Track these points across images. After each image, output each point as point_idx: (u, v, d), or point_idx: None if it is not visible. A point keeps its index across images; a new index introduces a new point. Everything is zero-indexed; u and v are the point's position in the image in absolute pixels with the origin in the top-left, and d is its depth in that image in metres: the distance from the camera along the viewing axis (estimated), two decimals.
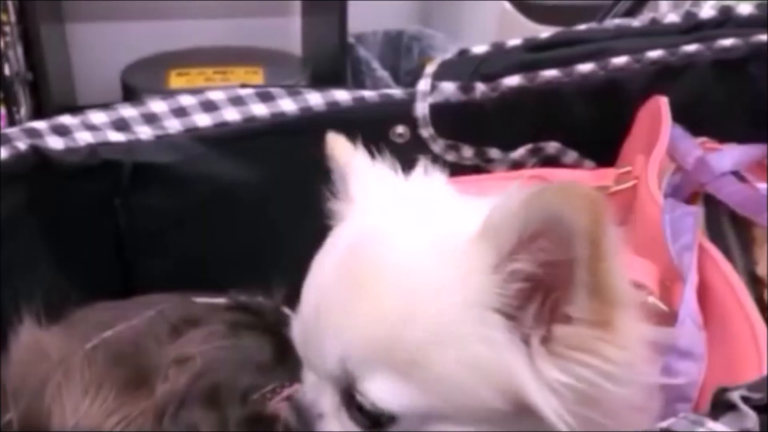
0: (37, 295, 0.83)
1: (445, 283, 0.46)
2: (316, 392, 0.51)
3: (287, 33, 2.33)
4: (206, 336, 0.70)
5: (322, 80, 2.03)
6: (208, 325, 0.71)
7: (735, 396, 0.39)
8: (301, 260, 0.57)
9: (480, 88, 0.88)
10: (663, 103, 0.79)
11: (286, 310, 0.73)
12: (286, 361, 0.64)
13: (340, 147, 0.60)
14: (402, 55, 2.26)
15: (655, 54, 0.90)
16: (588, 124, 0.91)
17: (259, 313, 0.75)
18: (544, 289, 0.46)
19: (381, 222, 0.52)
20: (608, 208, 0.43)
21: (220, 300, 0.78)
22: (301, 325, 0.52)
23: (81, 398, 0.64)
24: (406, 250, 0.49)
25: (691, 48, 0.91)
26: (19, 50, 1.74)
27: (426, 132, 0.89)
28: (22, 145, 0.78)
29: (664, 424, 0.40)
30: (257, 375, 0.65)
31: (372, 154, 0.59)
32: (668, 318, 0.56)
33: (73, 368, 0.64)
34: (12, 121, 1.69)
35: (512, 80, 0.88)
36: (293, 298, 0.70)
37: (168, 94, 0.86)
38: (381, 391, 0.46)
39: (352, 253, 0.50)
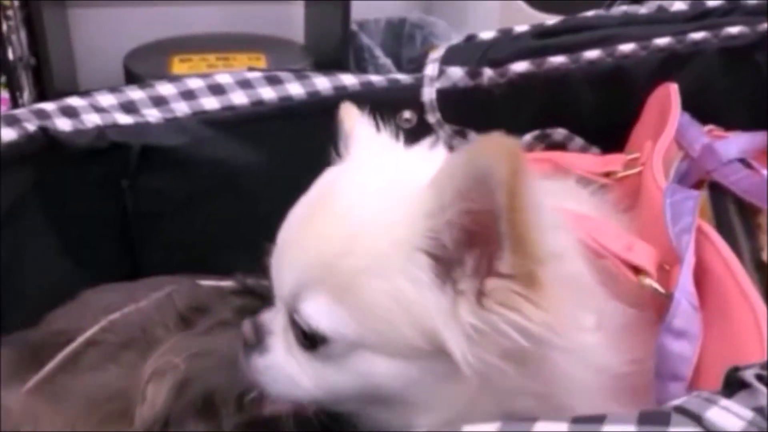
0: (44, 277, 0.84)
1: (385, 221, 0.51)
2: (273, 313, 0.57)
3: (290, 20, 2.33)
4: (212, 325, 0.70)
5: (324, 67, 2.02)
6: (216, 313, 0.71)
7: (749, 374, 0.40)
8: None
9: (488, 73, 0.88)
10: (673, 89, 0.79)
11: None
12: None
13: (349, 114, 0.64)
14: (404, 43, 2.25)
15: (662, 41, 0.90)
16: (595, 110, 0.92)
17: (265, 298, 0.75)
18: (480, 242, 0.48)
19: (350, 167, 0.58)
20: (527, 161, 0.44)
21: (227, 283, 0.78)
22: (272, 256, 0.57)
23: None
24: (359, 189, 0.54)
25: (698, 36, 0.91)
26: (23, 35, 1.73)
27: (433, 117, 0.89)
28: (30, 126, 0.78)
29: (676, 402, 0.40)
30: None
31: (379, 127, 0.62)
32: (666, 301, 0.56)
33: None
34: (15, 107, 1.68)
35: (520, 66, 0.89)
36: None
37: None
38: (316, 313, 0.51)
39: (319, 193, 0.56)
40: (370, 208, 0.52)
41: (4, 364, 0.71)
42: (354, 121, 0.62)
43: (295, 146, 0.88)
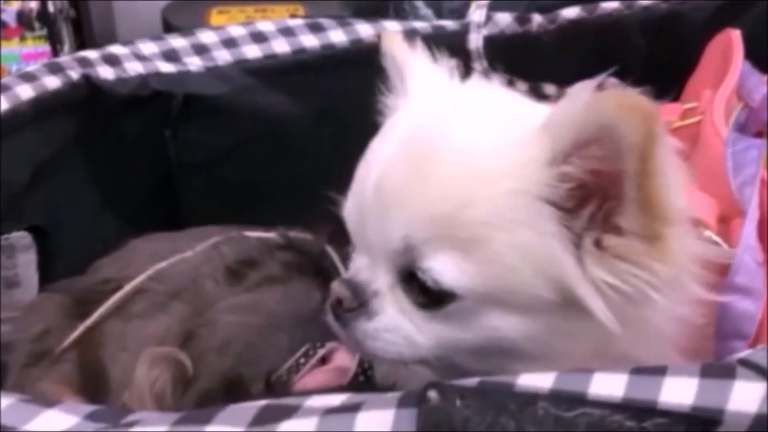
0: (86, 228, 0.84)
1: (503, 169, 0.48)
2: (370, 271, 0.52)
3: None
4: (260, 281, 0.69)
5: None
6: (264, 267, 0.70)
7: None
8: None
9: (537, 19, 0.85)
10: (735, 35, 0.76)
11: (329, 249, 0.72)
12: None
13: (397, 43, 0.59)
14: None
15: None
16: (647, 58, 0.88)
17: (309, 254, 0.74)
18: (598, 196, 0.46)
19: (445, 109, 0.53)
20: (662, 124, 0.42)
21: (270, 235, 0.77)
22: (357, 205, 0.53)
23: None
24: (469, 135, 0.50)
25: None
26: None
27: (479, 66, 0.87)
28: (74, 74, 0.78)
29: (741, 355, 0.39)
30: (297, 331, 0.64)
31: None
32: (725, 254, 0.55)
33: None
34: None
35: (571, 12, 0.85)
36: (339, 234, 0.71)
37: None
38: (443, 269, 0.48)
39: (416, 136, 0.51)
40: (485, 155, 0.48)
41: (52, 311, 0.72)
42: (403, 50, 0.58)
43: (338, 96, 0.86)
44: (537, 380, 0.37)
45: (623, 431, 0.35)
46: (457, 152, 0.49)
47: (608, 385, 0.36)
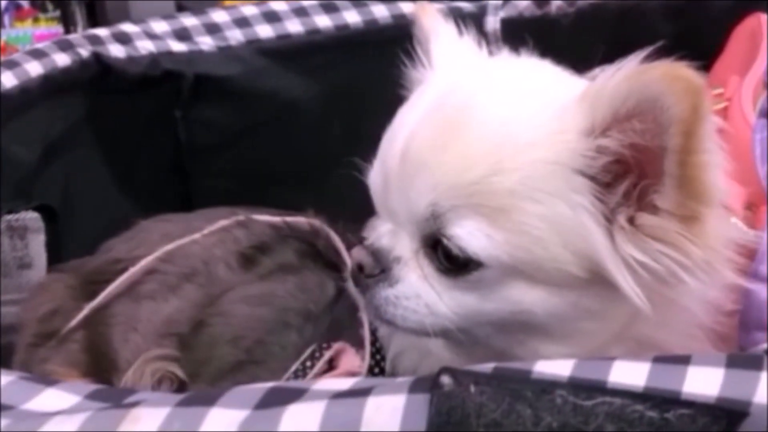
0: (96, 207, 0.84)
1: (535, 138, 0.46)
2: (393, 238, 0.51)
3: None
4: (274, 269, 0.68)
5: None
6: (278, 254, 0.69)
7: None
8: (362, 176, 0.55)
9: (556, 2, 0.83)
10: (764, 20, 0.73)
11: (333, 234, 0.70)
12: (344, 297, 0.62)
13: (428, 13, 0.58)
14: None
15: None
16: (670, 43, 0.85)
17: (314, 244, 0.72)
18: (634, 172, 0.45)
19: (474, 79, 0.52)
20: (709, 99, 0.41)
21: (276, 220, 0.75)
22: (382, 172, 0.51)
23: None
24: (499, 103, 0.49)
25: None
26: None
27: (496, 49, 0.84)
28: (84, 52, 0.77)
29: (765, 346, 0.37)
30: (306, 328, 0.63)
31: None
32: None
33: None
34: None
35: None
36: (354, 217, 0.69)
37: None
38: (470, 237, 0.46)
39: (444, 104, 0.50)
40: (517, 124, 0.47)
41: (61, 291, 0.71)
42: (433, 21, 0.57)
43: (351, 78, 0.85)
44: (555, 367, 0.35)
45: (644, 422, 0.34)
46: (486, 120, 0.47)
47: (630, 374, 0.35)
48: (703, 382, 0.35)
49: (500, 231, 0.46)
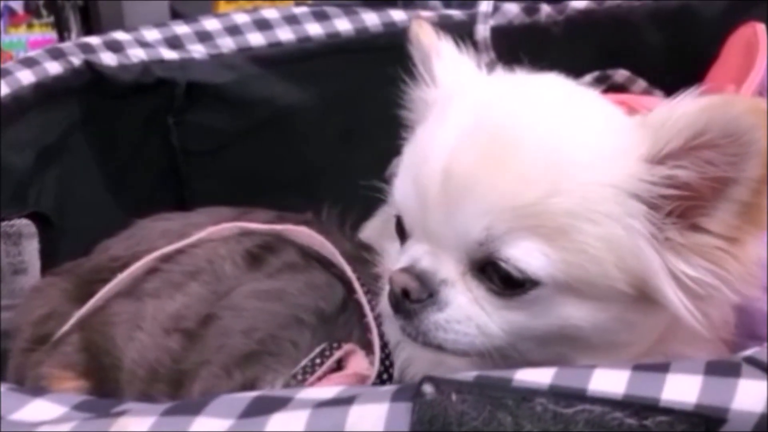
0: (91, 212, 0.84)
1: (592, 159, 0.47)
2: (434, 260, 0.50)
3: None
4: (281, 267, 0.67)
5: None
6: (283, 253, 0.68)
7: None
8: (355, 183, 0.55)
9: (545, 10, 0.84)
10: (760, 29, 0.74)
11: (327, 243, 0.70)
12: (353, 298, 0.61)
13: (425, 31, 0.58)
14: None
15: None
16: (658, 51, 0.87)
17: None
18: (693, 197, 0.46)
19: (508, 95, 0.52)
20: None
21: (270, 228, 0.74)
22: (417, 194, 0.50)
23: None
24: (550, 122, 0.49)
25: None
26: None
27: (486, 57, 0.85)
28: (76, 60, 0.77)
29: (747, 353, 0.38)
30: (320, 329, 0.61)
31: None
32: None
33: None
34: None
35: (580, 3, 0.84)
36: (344, 222, 0.69)
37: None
38: (529, 257, 0.47)
39: (484, 123, 0.50)
40: (572, 145, 0.48)
41: (55, 295, 0.71)
42: (431, 38, 0.57)
43: (343, 85, 0.85)
44: (535, 375, 0.36)
45: (623, 429, 0.34)
46: (539, 140, 0.48)
47: (609, 382, 0.35)
48: (682, 389, 0.35)
49: (558, 251, 0.46)
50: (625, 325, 0.49)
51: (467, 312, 0.49)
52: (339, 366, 0.58)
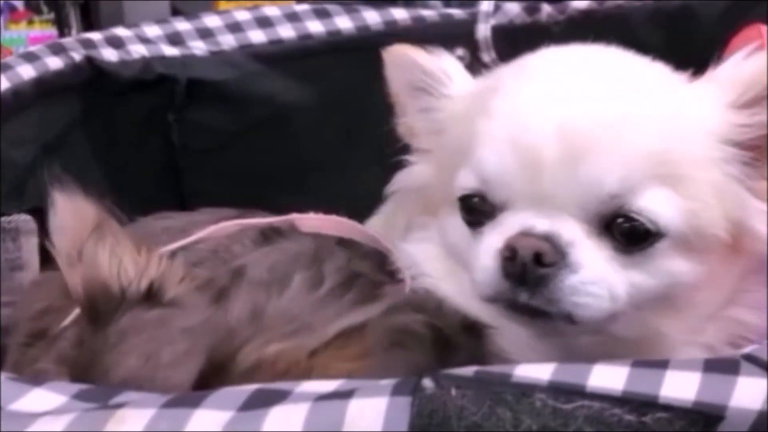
0: None
1: (697, 108, 0.51)
2: (554, 224, 0.48)
3: None
4: (292, 246, 0.66)
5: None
6: (295, 241, 0.67)
7: None
8: (356, 181, 0.56)
9: (546, 9, 0.84)
10: (764, 30, 0.74)
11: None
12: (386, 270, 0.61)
13: (414, 55, 0.59)
14: None
15: None
16: (659, 52, 0.86)
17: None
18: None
19: (588, 54, 0.57)
20: None
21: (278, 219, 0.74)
22: (521, 158, 0.49)
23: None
24: (649, 75, 0.54)
25: None
26: None
27: (487, 56, 0.86)
28: (77, 55, 0.77)
29: (745, 351, 0.38)
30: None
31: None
32: None
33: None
34: None
35: (581, 3, 0.85)
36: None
37: None
38: (660, 207, 0.48)
39: (584, 77, 0.53)
40: (676, 98, 0.52)
41: (54, 289, 0.70)
42: (426, 59, 0.59)
43: (344, 83, 0.86)
44: (535, 371, 0.36)
45: (622, 425, 0.34)
46: (651, 91, 0.51)
47: (608, 378, 0.35)
48: (681, 386, 0.35)
49: (681, 199, 0.49)
50: (713, 278, 0.51)
51: (601, 273, 0.48)
52: None
